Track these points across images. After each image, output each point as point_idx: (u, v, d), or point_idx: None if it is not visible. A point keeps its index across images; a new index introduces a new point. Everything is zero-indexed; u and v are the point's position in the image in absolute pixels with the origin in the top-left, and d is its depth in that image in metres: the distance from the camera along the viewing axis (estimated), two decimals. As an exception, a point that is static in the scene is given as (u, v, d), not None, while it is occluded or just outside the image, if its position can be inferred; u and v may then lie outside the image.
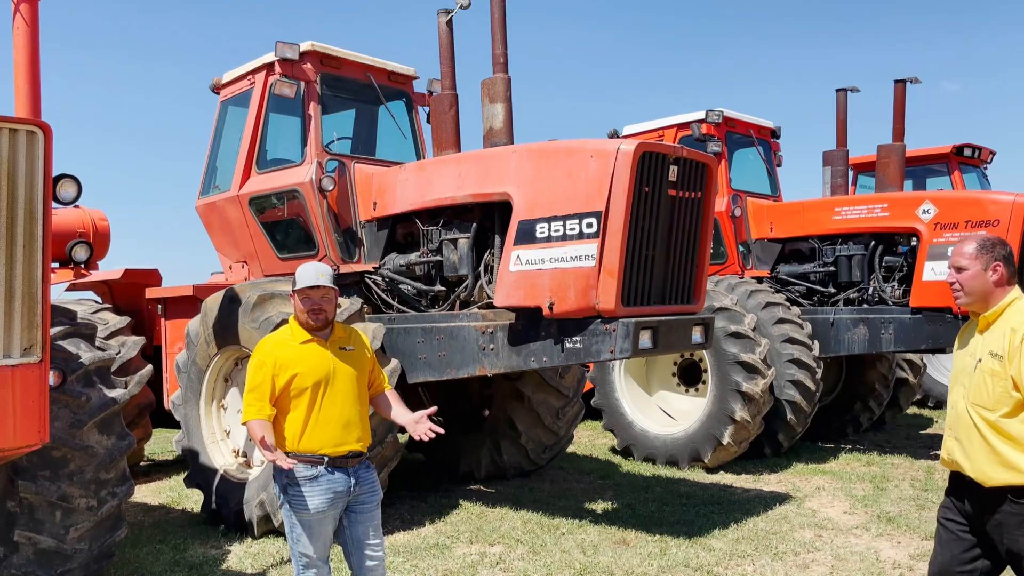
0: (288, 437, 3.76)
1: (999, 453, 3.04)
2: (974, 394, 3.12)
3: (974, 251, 3.19)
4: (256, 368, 3.78)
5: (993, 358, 3.07)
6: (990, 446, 3.06)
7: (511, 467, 8.13)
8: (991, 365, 3.07)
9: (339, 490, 3.77)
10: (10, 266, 3.50)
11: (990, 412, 3.06)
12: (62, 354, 4.71)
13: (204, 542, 6.26)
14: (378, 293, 7.13)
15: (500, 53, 6.34)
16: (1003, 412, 3.03)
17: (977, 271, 3.18)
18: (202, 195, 8.27)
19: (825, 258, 9.55)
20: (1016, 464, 3.00)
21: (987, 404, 3.07)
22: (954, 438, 3.22)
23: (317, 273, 3.86)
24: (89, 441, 4.73)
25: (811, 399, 8.70)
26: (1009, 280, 3.19)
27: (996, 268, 3.17)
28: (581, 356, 5.62)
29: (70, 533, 4.66)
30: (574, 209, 5.51)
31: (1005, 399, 3.02)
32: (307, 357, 3.79)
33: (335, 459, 3.77)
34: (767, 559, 5.64)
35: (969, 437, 3.13)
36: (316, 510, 3.73)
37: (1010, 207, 7.85)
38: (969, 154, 12.87)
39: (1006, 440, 3.02)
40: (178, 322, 7.72)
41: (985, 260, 3.17)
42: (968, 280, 3.19)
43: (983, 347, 3.15)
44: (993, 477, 3.06)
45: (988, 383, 3.07)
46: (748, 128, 10.44)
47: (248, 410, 3.77)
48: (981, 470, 3.09)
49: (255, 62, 7.66)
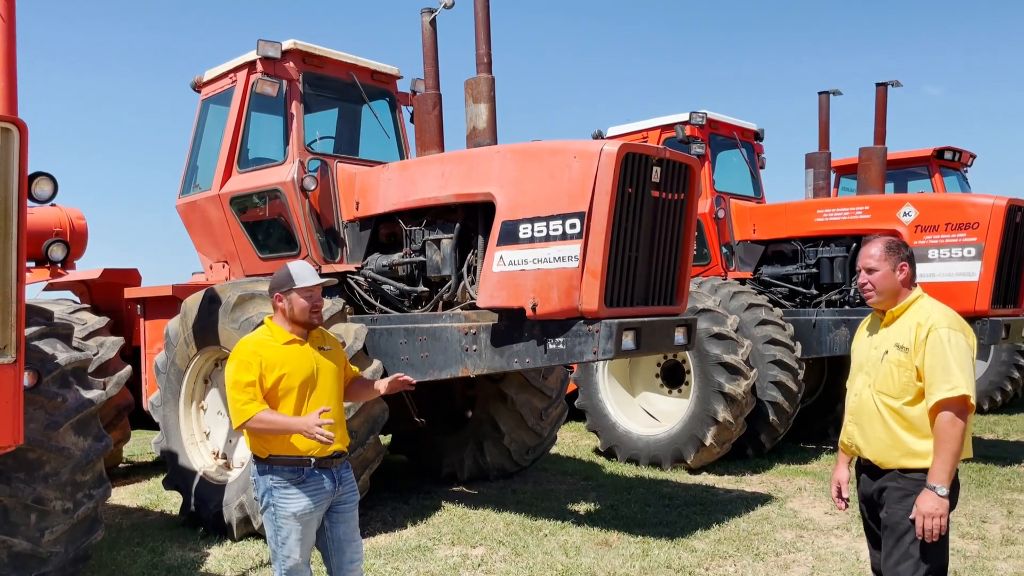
0: (275, 439, 3.71)
1: (897, 437, 3.30)
2: (881, 383, 3.36)
3: (882, 253, 3.42)
4: (243, 367, 3.67)
5: (899, 350, 3.30)
6: (891, 431, 3.32)
7: (494, 468, 8.11)
8: (897, 356, 3.30)
9: (325, 491, 3.75)
10: (-17, 265, 3.44)
11: (894, 400, 3.31)
12: (38, 354, 4.64)
13: (183, 545, 6.20)
14: (360, 294, 7.09)
15: (484, 53, 6.32)
16: (906, 400, 3.28)
17: (887, 271, 3.40)
18: (182, 194, 8.20)
19: (807, 260, 9.60)
20: (911, 447, 3.27)
21: (892, 392, 3.31)
22: (855, 424, 3.48)
23: (312, 270, 3.86)
24: (65, 443, 4.66)
25: (793, 400, 8.74)
26: (914, 279, 3.44)
27: (903, 268, 3.41)
28: (564, 357, 5.61)
29: (45, 536, 4.60)
30: (557, 210, 5.50)
31: (909, 388, 3.27)
32: (292, 357, 3.75)
33: (321, 459, 3.74)
34: (748, 560, 5.65)
35: (871, 423, 3.38)
36: (304, 511, 3.70)
37: (989, 210, 7.92)
38: (949, 157, 12.99)
39: (905, 426, 3.29)
40: (157, 322, 7.65)
41: (893, 261, 3.40)
42: (879, 280, 3.41)
43: (888, 340, 3.38)
44: (890, 459, 3.33)
45: (894, 373, 3.31)
46: (732, 130, 10.48)
47: (247, 408, 3.61)
48: (879, 453, 3.36)
49: (237, 60, 7.61)
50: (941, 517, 3.14)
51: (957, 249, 8.04)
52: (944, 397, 3.14)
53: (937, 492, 3.14)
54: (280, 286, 3.83)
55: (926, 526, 3.15)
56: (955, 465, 3.17)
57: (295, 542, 3.71)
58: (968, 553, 5.71)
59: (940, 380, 3.16)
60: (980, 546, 5.88)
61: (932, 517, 3.13)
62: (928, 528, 3.14)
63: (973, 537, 6.10)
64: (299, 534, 3.71)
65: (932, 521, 3.13)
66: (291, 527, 3.70)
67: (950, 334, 3.21)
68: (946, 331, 3.22)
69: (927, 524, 3.14)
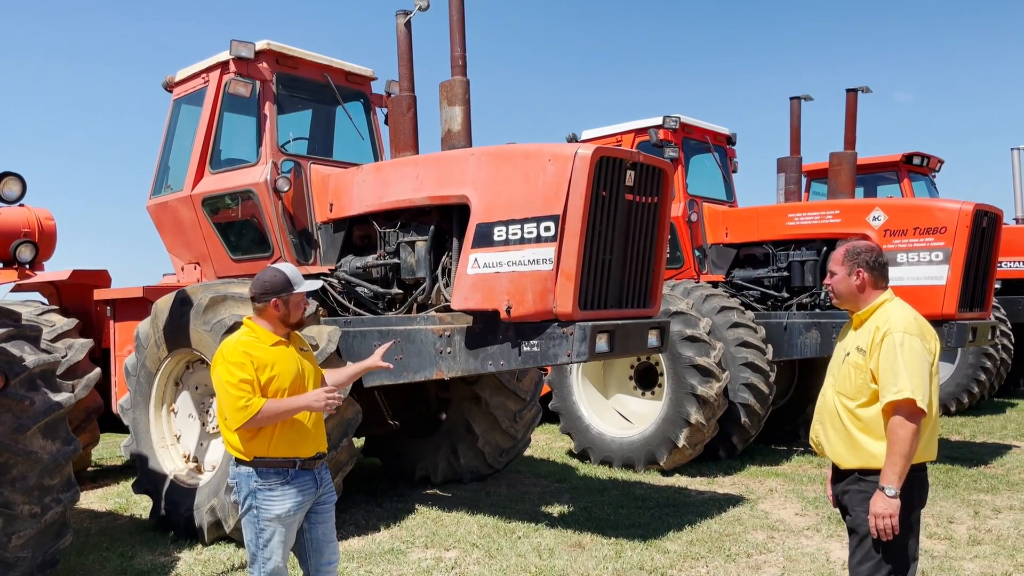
0: (260, 441, 3.68)
1: (853, 438, 3.40)
2: (840, 384, 3.47)
3: (841, 257, 3.54)
4: (236, 367, 3.62)
5: (859, 352, 3.40)
6: (847, 431, 3.42)
7: (468, 471, 8.10)
8: (856, 359, 3.41)
9: (308, 492, 3.76)
10: (-51, 266, 3.39)
11: (851, 401, 3.41)
12: (5, 357, 4.58)
13: (153, 549, 6.13)
14: (334, 296, 7.05)
15: (459, 55, 6.32)
16: (861, 402, 3.38)
17: (843, 276, 3.53)
18: (153, 195, 8.12)
19: (779, 263, 9.69)
20: (866, 448, 3.36)
21: (849, 393, 3.42)
22: (819, 423, 3.60)
23: (301, 274, 3.93)
24: (32, 446, 4.60)
25: (765, 402, 8.82)
26: (875, 284, 3.51)
27: (859, 274, 3.49)
28: (538, 359, 5.62)
29: (12, 540, 4.53)
30: (532, 213, 5.52)
31: (864, 390, 3.37)
32: (280, 359, 3.76)
33: (305, 460, 3.75)
34: (720, 561, 5.70)
35: (833, 423, 3.50)
36: (288, 513, 3.69)
37: (956, 215, 8.04)
38: (918, 162, 13.20)
39: (860, 427, 3.38)
40: (127, 324, 7.57)
41: (849, 266, 3.51)
42: (836, 284, 3.55)
43: (852, 342, 3.50)
44: (847, 460, 3.43)
45: (852, 374, 3.41)
46: (704, 134, 10.57)
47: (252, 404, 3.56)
48: (837, 453, 3.48)
49: (209, 60, 7.55)
50: (891, 517, 3.23)
51: (925, 253, 8.16)
52: (891, 400, 3.24)
53: (886, 493, 3.24)
54: (278, 290, 3.80)
55: (878, 526, 3.26)
56: (905, 467, 3.24)
57: (277, 544, 3.71)
58: (935, 553, 5.80)
59: (889, 383, 3.26)
60: (947, 546, 5.98)
61: (882, 517, 3.24)
62: (880, 528, 3.25)
63: (940, 537, 6.19)
64: (282, 536, 3.71)
65: (883, 521, 3.24)
66: (274, 529, 3.69)
67: (904, 338, 3.29)
68: (900, 335, 3.30)
69: (878, 524, 3.25)
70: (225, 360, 3.68)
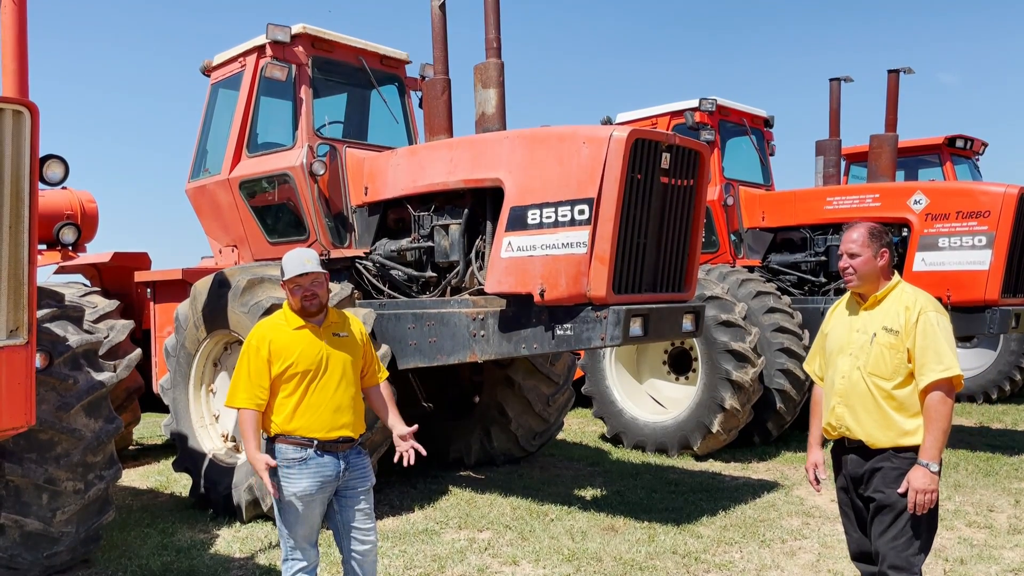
0: (278, 418, 3.76)
1: (889, 417, 3.40)
2: (872, 365, 3.44)
3: (864, 239, 3.51)
4: (253, 352, 3.76)
5: (888, 333, 3.41)
6: (881, 411, 3.41)
7: (501, 454, 8.14)
8: (887, 339, 3.40)
9: (328, 474, 3.78)
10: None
11: (886, 381, 3.40)
12: (49, 336, 4.68)
13: (192, 526, 6.25)
14: (369, 279, 7.10)
15: (493, 38, 6.30)
16: (897, 382, 3.39)
17: (868, 257, 3.49)
18: (192, 178, 8.22)
19: (816, 248, 9.57)
20: (900, 426, 3.38)
21: (884, 374, 3.41)
22: (844, 405, 3.53)
23: (303, 259, 3.85)
24: (76, 424, 4.71)
25: (801, 388, 8.73)
26: (890, 264, 3.54)
27: (883, 254, 3.50)
28: (571, 343, 5.61)
29: (57, 516, 4.65)
30: (566, 196, 5.49)
31: (901, 369, 3.38)
32: (300, 343, 3.80)
33: (324, 443, 3.77)
34: (754, 546, 5.67)
35: (864, 404, 3.46)
36: (303, 492, 3.73)
37: (1001, 198, 7.87)
38: (961, 145, 12.90)
39: (895, 406, 3.39)
40: (167, 306, 7.69)
41: (875, 247, 3.49)
42: (861, 265, 3.50)
43: (874, 323, 3.47)
44: (881, 440, 3.43)
45: (886, 355, 3.40)
46: (741, 117, 10.43)
47: (239, 394, 3.75)
48: (870, 433, 3.45)
49: (246, 44, 7.60)
50: (933, 492, 3.29)
51: (968, 238, 8.00)
52: (937, 378, 3.28)
53: (929, 468, 3.29)
54: (281, 276, 3.90)
55: (918, 500, 3.29)
56: (944, 442, 3.31)
57: (294, 521, 3.76)
58: (975, 542, 5.71)
59: (933, 361, 3.30)
60: (987, 535, 5.88)
61: (924, 492, 3.28)
62: (920, 503, 3.29)
63: (980, 526, 6.10)
64: (300, 515, 3.76)
65: (924, 496, 3.28)
66: (291, 507, 3.75)
67: (938, 317, 3.36)
68: (935, 315, 3.36)
69: (919, 499, 3.28)
70: (247, 342, 3.83)
